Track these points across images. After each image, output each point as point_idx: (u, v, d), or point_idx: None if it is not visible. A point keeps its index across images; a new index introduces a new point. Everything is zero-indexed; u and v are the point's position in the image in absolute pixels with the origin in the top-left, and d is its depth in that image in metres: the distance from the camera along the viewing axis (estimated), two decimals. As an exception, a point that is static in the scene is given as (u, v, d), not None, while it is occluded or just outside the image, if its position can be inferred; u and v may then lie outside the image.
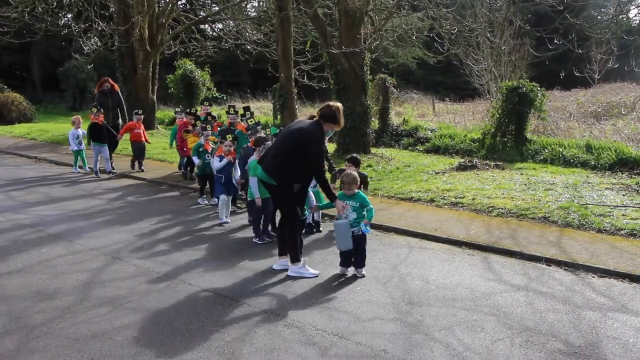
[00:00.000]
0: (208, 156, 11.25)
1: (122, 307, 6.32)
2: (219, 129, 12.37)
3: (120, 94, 16.96)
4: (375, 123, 19.84)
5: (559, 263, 7.76)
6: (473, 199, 10.89)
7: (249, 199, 9.23)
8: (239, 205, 11.36)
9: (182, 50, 26.86)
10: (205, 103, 15.10)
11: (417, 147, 18.78)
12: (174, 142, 14.61)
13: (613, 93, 27.96)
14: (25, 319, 6.01)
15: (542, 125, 18.98)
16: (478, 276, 7.38)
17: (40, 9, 21.60)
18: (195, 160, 11.64)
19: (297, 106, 21.03)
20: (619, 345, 5.45)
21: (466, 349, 5.37)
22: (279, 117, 20.13)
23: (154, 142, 18.25)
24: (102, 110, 15.20)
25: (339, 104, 7.40)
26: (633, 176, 13.34)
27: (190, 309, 6.30)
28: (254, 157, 9.03)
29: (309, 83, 23.61)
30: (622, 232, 8.90)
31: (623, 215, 9.71)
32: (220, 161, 9.99)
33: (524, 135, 16.59)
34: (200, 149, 11.48)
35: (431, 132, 20.00)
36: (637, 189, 11.68)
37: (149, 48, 24.05)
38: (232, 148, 10.09)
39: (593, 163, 14.46)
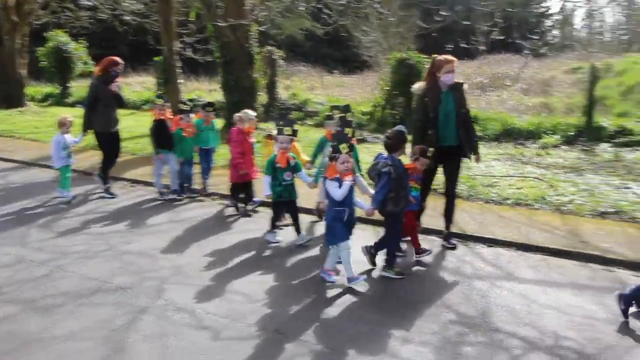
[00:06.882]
0: (288, 175, 7.60)
1: (-4, 299, 5.90)
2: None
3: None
4: (263, 97, 19.54)
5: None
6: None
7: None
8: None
9: (55, 20, 25.30)
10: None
11: (307, 122, 18.62)
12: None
13: (497, 65, 28.88)
14: None
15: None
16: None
17: None
18: (266, 181, 7.59)
19: (181, 81, 20.43)
20: (507, 312, 5.58)
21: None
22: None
23: (24, 120, 17.19)
24: (166, 102, 10.23)
25: None
26: (517, 146, 13.84)
27: (72, 297, 5.94)
28: None
29: (193, 56, 23.02)
30: (508, 201, 9.17)
31: (509, 185, 10.04)
32: (340, 187, 6.21)
33: (414, 108, 16.74)
34: (277, 165, 7.53)
35: (320, 105, 19.90)
36: (521, 158, 12.10)
37: (16, 18, 22.59)
38: (351, 165, 6.31)
39: (480, 134, 14.81)
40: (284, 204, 7.69)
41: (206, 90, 26.38)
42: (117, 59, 10.24)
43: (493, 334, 5.13)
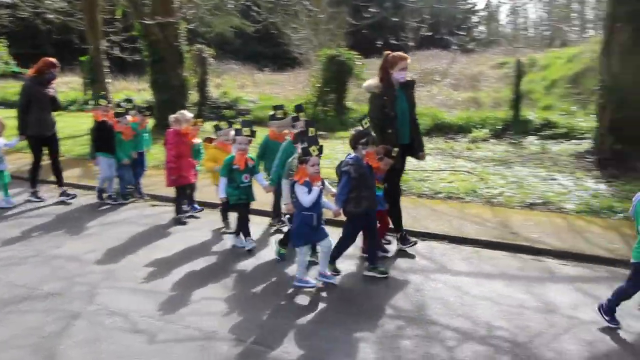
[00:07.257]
0: (246, 177, 7.34)
1: None
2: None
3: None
4: (194, 96, 19.31)
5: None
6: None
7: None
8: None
9: (-28, 19, 24.36)
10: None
11: (239, 120, 18.46)
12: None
13: (426, 60, 29.30)
14: None
15: (362, 93, 19.42)
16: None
17: None
18: (222, 183, 7.30)
19: (109, 80, 20.00)
20: (442, 305, 5.65)
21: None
22: (89, 92, 19.06)
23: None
24: (109, 103, 10.11)
25: None
26: (448, 141, 14.12)
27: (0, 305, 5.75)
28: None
29: (121, 55, 22.58)
30: (440, 195, 9.35)
31: (441, 179, 10.22)
32: (309, 192, 6.01)
33: (345, 104, 16.89)
34: (234, 167, 7.25)
35: (252, 103, 19.82)
36: (452, 153, 12.33)
37: None
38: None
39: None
40: (243, 205, 7.42)
41: (135, 89, 25.92)
42: (54, 60, 9.72)
43: (429, 327, 5.20)
